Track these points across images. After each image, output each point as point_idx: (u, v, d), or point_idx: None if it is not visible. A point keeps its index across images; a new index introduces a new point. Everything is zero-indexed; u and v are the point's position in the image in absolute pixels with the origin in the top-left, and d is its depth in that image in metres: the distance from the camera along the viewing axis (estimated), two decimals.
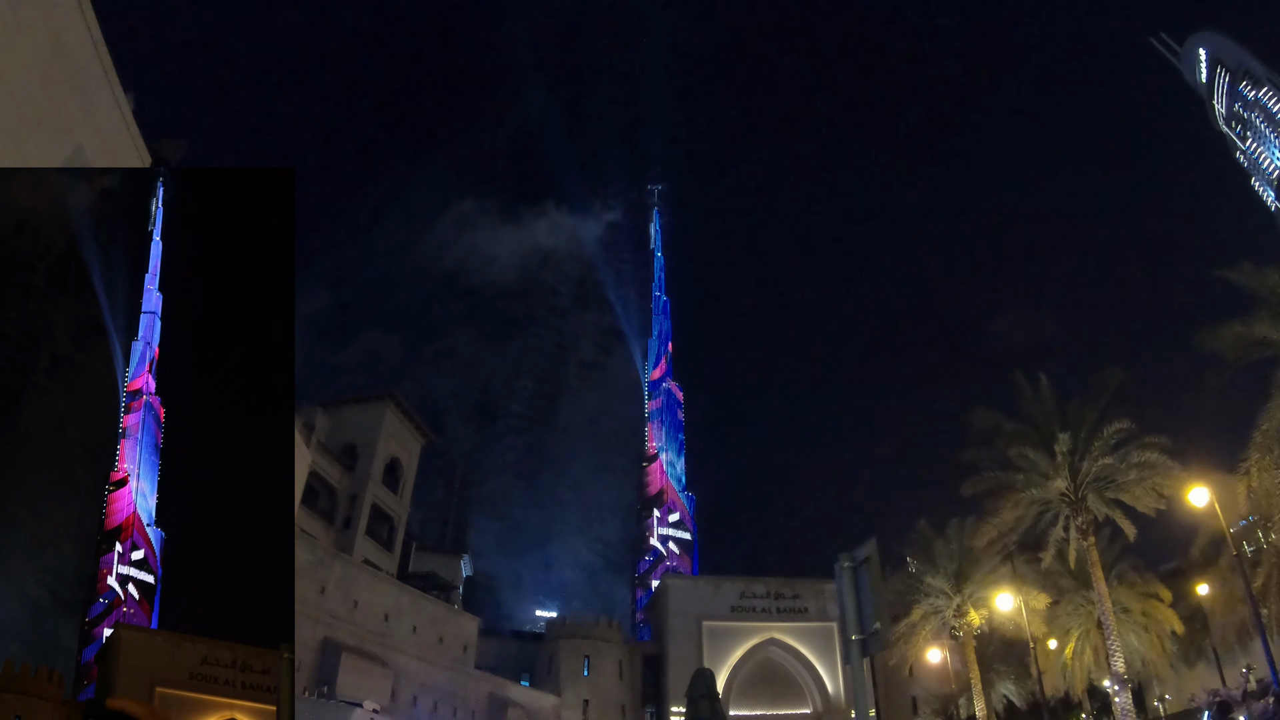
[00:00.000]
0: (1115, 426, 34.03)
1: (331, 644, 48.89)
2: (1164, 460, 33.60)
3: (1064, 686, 50.09)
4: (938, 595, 48.55)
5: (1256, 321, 27.35)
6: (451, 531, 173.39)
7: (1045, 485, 35.53)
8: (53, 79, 16.74)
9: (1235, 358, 27.85)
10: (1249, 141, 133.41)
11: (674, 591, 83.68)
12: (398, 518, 71.62)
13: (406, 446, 73.43)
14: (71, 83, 17.59)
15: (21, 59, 15.75)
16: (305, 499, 52.69)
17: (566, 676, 73.23)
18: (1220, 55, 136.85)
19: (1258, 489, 28.15)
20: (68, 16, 17.49)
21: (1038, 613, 44.86)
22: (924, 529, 51.08)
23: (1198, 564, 45.80)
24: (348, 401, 71.36)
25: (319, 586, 49.61)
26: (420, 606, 60.33)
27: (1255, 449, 27.80)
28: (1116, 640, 35.30)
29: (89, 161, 18.15)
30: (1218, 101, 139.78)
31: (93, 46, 18.26)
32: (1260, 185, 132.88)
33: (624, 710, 74.30)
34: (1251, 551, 44.13)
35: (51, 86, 16.67)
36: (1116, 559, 44.03)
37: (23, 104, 15.81)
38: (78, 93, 17.91)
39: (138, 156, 21.43)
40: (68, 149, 17.43)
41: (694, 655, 74.82)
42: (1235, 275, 28.12)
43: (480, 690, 62.76)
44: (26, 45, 15.92)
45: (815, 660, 79.81)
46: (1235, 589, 39.72)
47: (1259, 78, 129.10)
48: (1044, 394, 36.77)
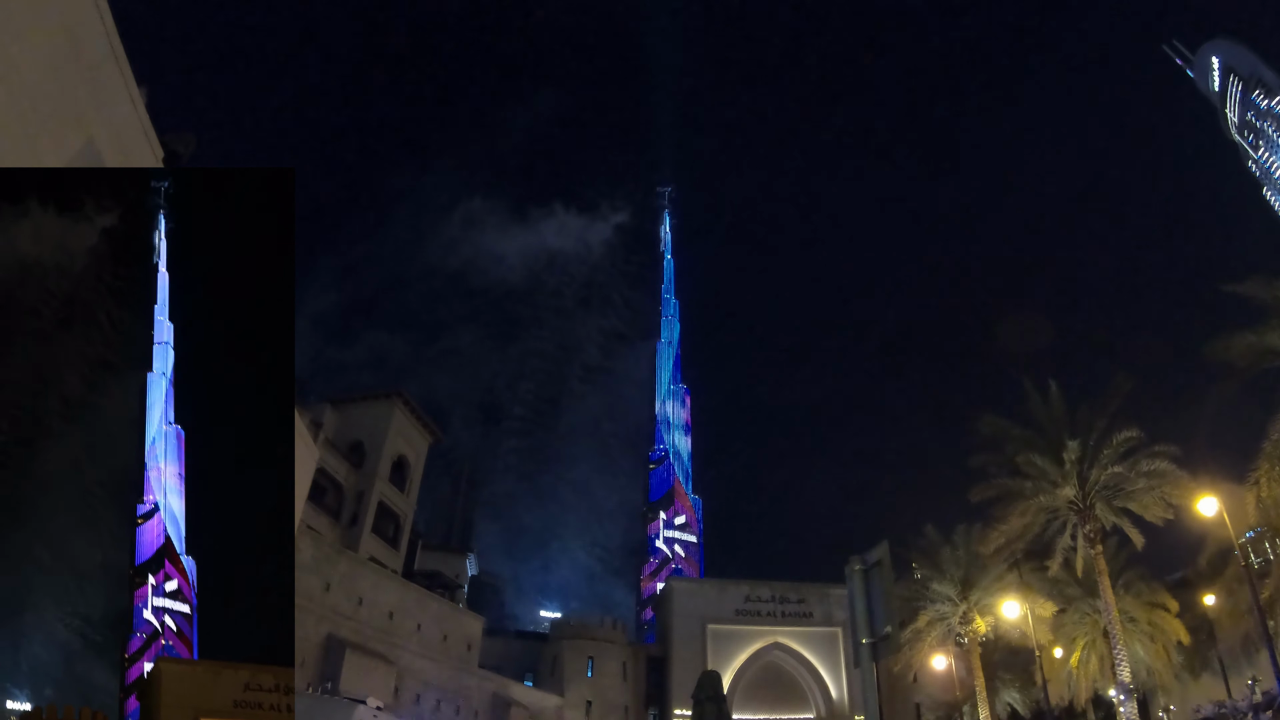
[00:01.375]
0: (1124, 435, 33.82)
1: (335, 641, 48.92)
2: (1173, 469, 33.42)
3: (1069, 695, 49.90)
4: (944, 602, 48.38)
5: (1268, 331, 27.17)
6: (457, 530, 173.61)
7: (1053, 493, 35.37)
8: (65, 71, 16.76)
9: (1246, 368, 27.67)
10: (1261, 151, 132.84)
11: (679, 594, 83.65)
12: (404, 516, 71.64)
13: (414, 445, 73.47)
14: (84, 75, 17.60)
15: (34, 50, 15.76)
16: (312, 495, 52.71)
17: (570, 677, 73.22)
18: (1233, 64, 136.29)
19: (1267, 499, 27.96)
20: (82, 8, 17.50)
21: (1043, 621, 44.71)
22: (931, 535, 50.90)
23: (1205, 574, 45.59)
24: (356, 399, 71.42)
25: (324, 583, 49.66)
26: (425, 605, 60.35)
27: (1265, 459, 27.63)
28: (1122, 649, 35.09)
29: (101, 154, 18.16)
30: (1230, 110, 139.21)
31: (106, 39, 18.27)
32: (1272, 194, 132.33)
33: (627, 712, 74.25)
34: (1259, 562, 43.93)
35: (64, 78, 16.69)
36: (1124, 568, 43.84)
37: (35, 96, 15.82)
38: (90, 85, 17.92)
39: (150, 150, 21.46)
40: (79, 141, 17.44)
41: (698, 658, 74.83)
42: (1245, 289, 27.97)
43: (483, 690, 62.76)
44: (40, 37, 15.93)
45: (819, 665, 79.69)
46: (1242, 600, 39.52)
47: (1272, 87, 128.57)
48: (1053, 401, 36.57)
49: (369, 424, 69.35)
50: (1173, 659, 46.01)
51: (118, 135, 19.30)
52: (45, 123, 16.17)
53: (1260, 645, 36.96)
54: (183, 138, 26.20)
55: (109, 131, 18.82)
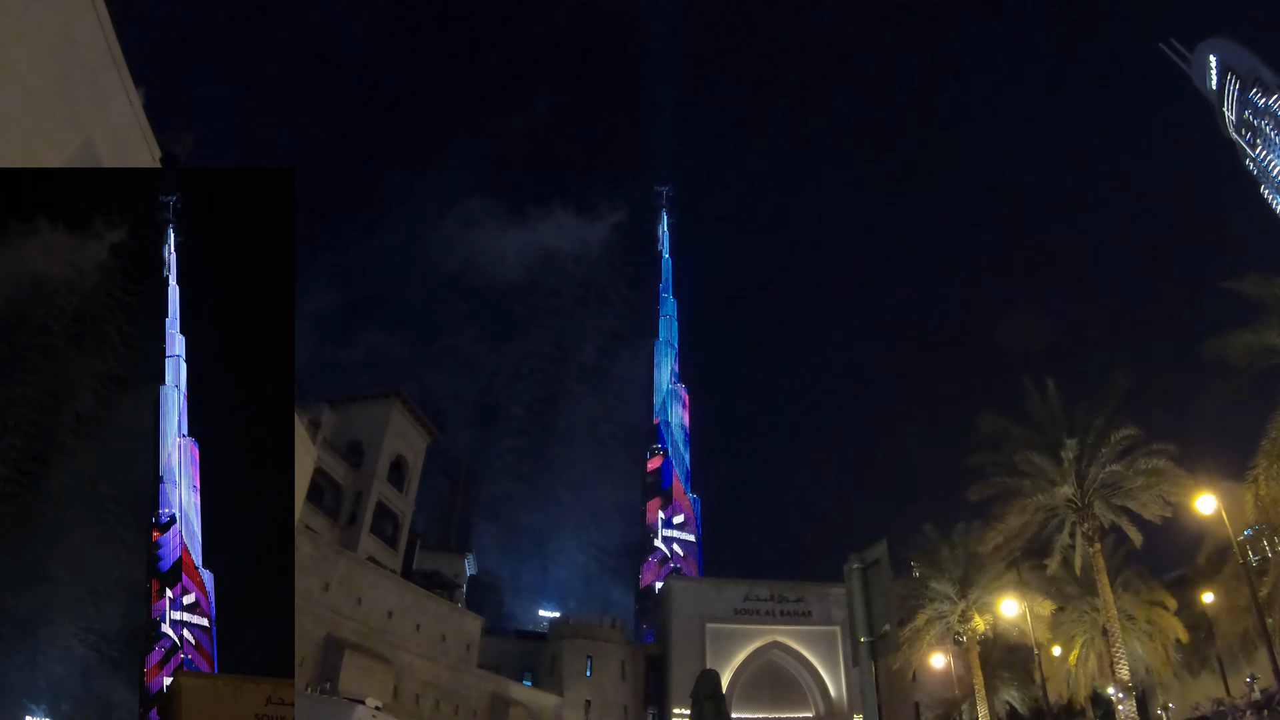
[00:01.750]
0: (1123, 433, 33.84)
1: (334, 641, 48.90)
2: (1171, 467, 33.44)
3: (1067, 693, 49.93)
4: (942, 600, 48.38)
5: (1265, 330, 27.20)
6: (455, 530, 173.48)
7: (1052, 491, 35.39)
8: (63, 71, 16.75)
9: (1244, 366, 27.68)
10: (1259, 149, 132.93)
11: (678, 593, 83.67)
12: (402, 515, 71.60)
13: (412, 444, 73.43)
14: (82, 75, 17.59)
15: (32, 51, 15.76)
16: (310, 495, 52.73)
17: (569, 677, 73.27)
18: (1231, 62, 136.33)
19: (1265, 497, 27.95)
20: (79, 9, 17.50)
21: (1042, 619, 44.69)
22: (929, 534, 50.91)
23: (1203, 572, 45.67)
24: (354, 399, 71.35)
25: (323, 583, 49.64)
26: (423, 605, 60.33)
27: (1263, 457, 27.63)
28: (1121, 647, 35.14)
29: (98, 154, 18.15)
30: (1228, 108, 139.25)
31: (104, 40, 18.27)
32: (1270, 192, 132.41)
33: (626, 711, 74.30)
34: (1258, 560, 44.02)
35: (62, 78, 16.68)
36: (1122, 566, 43.88)
37: (33, 96, 15.82)
38: (88, 85, 17.91)
39: (147, 150, 21.46)
40: (77, 141, 17.43)
41: (697, 657, 74.84)
42: (1243, 286, 27.98)
43: (482, 689, 62.74)
44: (37, 37, 15.93)
45: (818, 664, 79.74)
46: (1241, 598, 39.54)
47: (1270, 85, 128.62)
48: (1051, 399, 36.56)
49: (367, 424, 69.30)
50: (1171, 657, 46.06)
51: (115, 135, 19.30)
52: (43, 123, 16.16)
53: (1259, 643, 36.99)
54: (181, 137, 26.21)
55: (107, 131, 18.82)
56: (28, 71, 15.49)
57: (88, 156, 17.73)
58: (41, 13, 16.10)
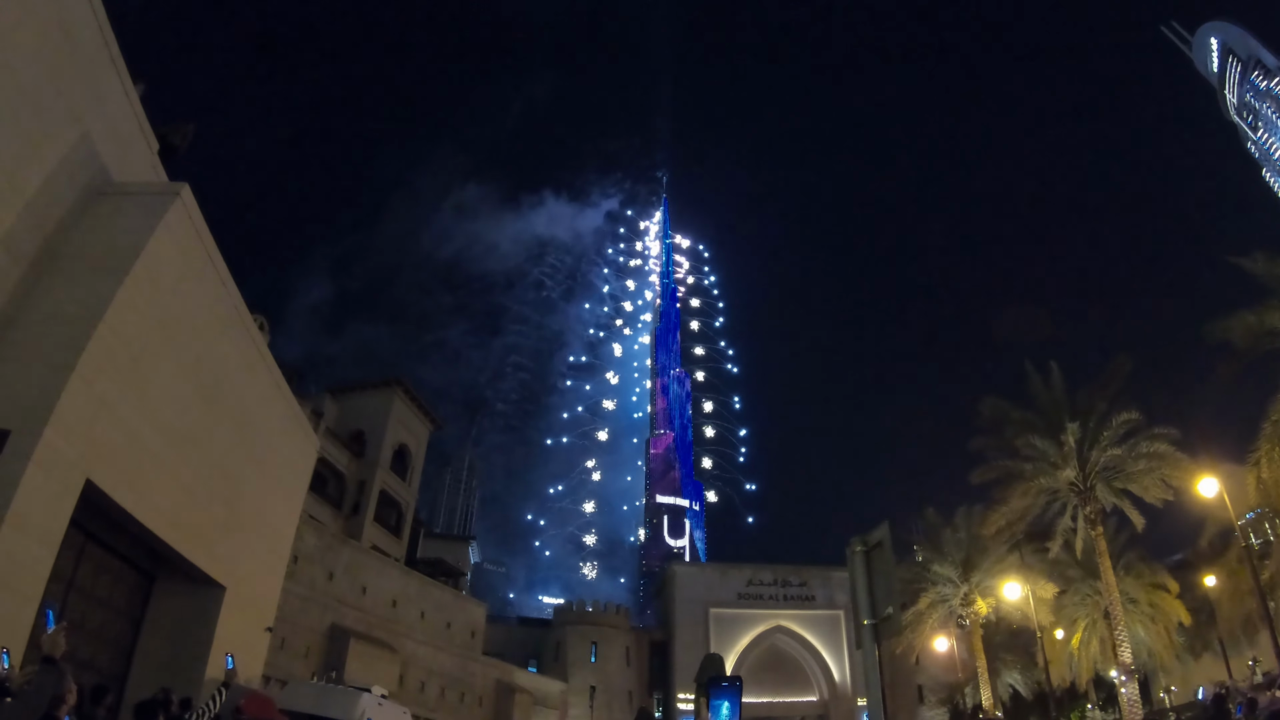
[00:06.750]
0: (1124, 416, 33.85)
1: (339, 630, 48.97)
2: (1173, 451, 33.49)
3: (1070, 676, 50.11)
4: (945, 584, 48.52)
5: (1268, 311, 27.12)
6: (460, 518, 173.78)
7: (1054, 474, 35.44)
8: (59, 65, 16.68)
9: (1246, 348, 27.61)
10: (1260, 131, 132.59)
11: (681, 578, 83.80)
12: (406, 504, 71.61)
13: (414, 433, 73.39)
14: (79, 69, 17.52)
15: (28, 44, 15.70)
16: (314, 485, 52.61)
17: (574, 663, 73.53)
18: (1232, 45, 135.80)
19: (1267, 480, 27.91)
20: (75, 1, 17.43)
21: (1045, 602, 44.80)
22: (932, 517, 51.03)
23: (1205, 555, 45.72)
24: (356, 388, 71.24)
25: (327, 572, 49.69)
26: (428, 592, 60.41)
27: (1265, 440, 27.59)
28: (1123, 631, 35.21)
29: (96, 147, 18.10)
30: (1229, 91, 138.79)
31: (100, 32, 18.19)
32: (1271, 175, 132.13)
33: (631, 696, 74.51)
34: (1260, 544, 44.02)
35: (58, 72, 16.62)
36: (1124, 549, 43.93)
37: (28, 89, 15.76)
38: (85, 79, 17.84)
39: (145, 143, 21.38)
40: (74, 135, 17.37)
41: (701, 642, 75.11)
42: (1248, 264, 27.88)
43: (488, 676, 62.91)
44: (33, 30, 15.87)
45: (822, 648, 79.99)
46: (1243, 581, 39.63)
47: (1271, 68, 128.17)
48: (1054, 383, 36.58)
49: (369, 413, 69.22)
50: (1173, 640, 46.13)
51: (113, 129, 19.23)
52: (39, 117, 16.11)
53: (1261, 626, 37.04)
54: (179, 128, 26.04)
55: (104, 125, 18.75)
56: (22, 65, 15.44)
57: (85, 149, 17.68)
58: (36, 6, 16.04)
